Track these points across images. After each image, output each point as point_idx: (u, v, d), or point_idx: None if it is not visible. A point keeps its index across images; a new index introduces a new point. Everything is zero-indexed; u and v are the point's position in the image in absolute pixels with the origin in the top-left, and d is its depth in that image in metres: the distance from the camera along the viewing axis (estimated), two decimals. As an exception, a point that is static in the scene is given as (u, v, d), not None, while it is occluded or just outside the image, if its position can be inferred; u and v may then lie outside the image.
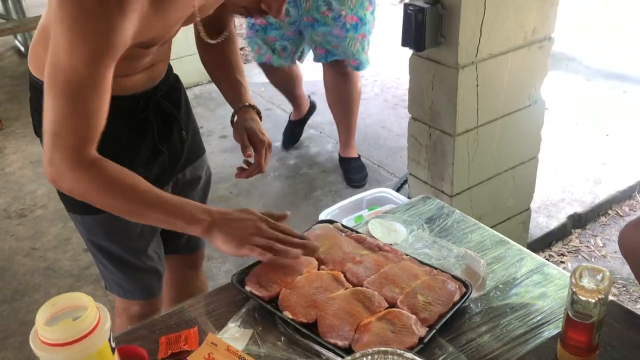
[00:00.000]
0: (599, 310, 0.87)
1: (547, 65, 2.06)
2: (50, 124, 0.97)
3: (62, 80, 0.95)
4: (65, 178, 1.00)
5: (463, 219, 1.29)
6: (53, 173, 1.00)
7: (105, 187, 1.03)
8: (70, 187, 1.02)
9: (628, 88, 3.89)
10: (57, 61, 0.94)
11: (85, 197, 1.04)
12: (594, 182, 2.92)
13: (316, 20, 2.58)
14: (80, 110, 0.96)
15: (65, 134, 0.97)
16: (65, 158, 0.98)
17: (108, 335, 0.80)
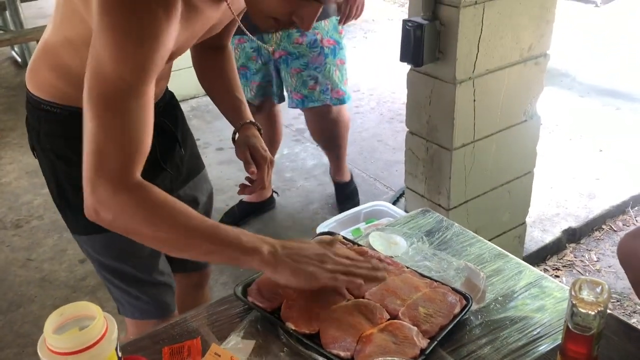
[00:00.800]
0: (598, 322, 0.88)
1: (542, 81, 2.10)
2: (93, 142, 0.89)
3: (108, 92, 0.89)
4: (109, 206, 0.90)
5: (462, 232, 1.30)
6: (95, 202, 0.90)
7: (154, 214, 0.93)
8: (114, 217, 0.91)
9: (621, 104, 3.94)
10: (101, 72, 0.89)
11: (129, 227, 0.94)
12: (588, 197, 2.95)
13: (289, 54, 2.31)
14: (128, 124, 0.90)
15: (111, 152, 0.89)
16: (110, 180, 0.89)
17: (115, 345, 0.80)
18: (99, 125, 0.89)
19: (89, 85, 0.90)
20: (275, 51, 2.30)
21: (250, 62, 2.38)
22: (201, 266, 1.58)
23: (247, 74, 2.42)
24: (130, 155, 0.91)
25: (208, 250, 0.98)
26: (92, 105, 0.90)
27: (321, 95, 2.40)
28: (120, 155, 0.90)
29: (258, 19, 1.00)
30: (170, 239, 0.95)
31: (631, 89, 4.14)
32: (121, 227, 0.94)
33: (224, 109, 1.39)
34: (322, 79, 2.36)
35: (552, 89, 4.03)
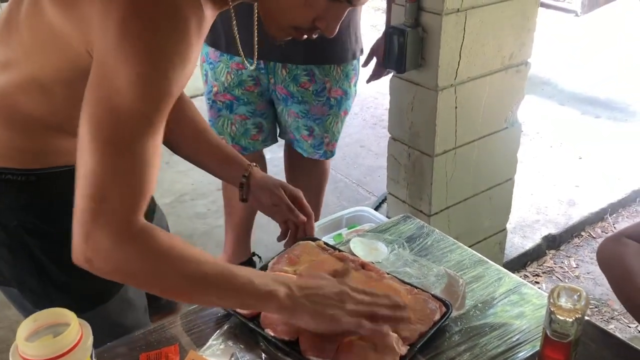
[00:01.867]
0: (576, 329, 0.89)
1: (523, 88, 2.12)
2: (94, 185, 0.76)
3: (124, 132, 0.77)
4: (108, 257, 0.78)
5: (442, 239, 1.31)
6: (89, 251, 0.77)
7: (160, 264, 0.82)
8: (114, 268, 0.80)
9: (600, 113, 4.00)
10: (116, 108, 0.76)
11: (130, 278, 0.84)
12: (567, 204, 2.99)
13: (291, 95, 1.98)
14: (140, 167, 0.78)
15: (116, 197, 0.77)
16: (111, 229, 0.77)
17: (90, 352, 0.79)
18: (105, 167, 0.76)
19: (96, 121, 0.77)
20: (277, 85, 1.98)
21: (242, 91, 1.99)
22: (174, 308, 1.41)
23: (231, 105, 2.00)
24: (137, 199, 0.79)
25: (219, 298, 0.90)
26: (99, 145, 0.76)
27: (310, 148, 2.11)
28: (127, 201, 0.78)
29: (276, 29, 0.90)
30: (178, 288, 0.85)
31: (610, 97, 4.20)
32: (119, 277, 0.84)
33: (209, 159, 1.20)
34: (319, 131, 2.06)
35: (533, 97, 4.07)
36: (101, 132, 0.77)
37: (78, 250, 0.79)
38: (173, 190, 3.10)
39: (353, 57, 2.00)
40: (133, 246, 0.79)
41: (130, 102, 0.76)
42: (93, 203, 0.77)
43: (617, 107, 4.07)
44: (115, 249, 0.78)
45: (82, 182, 0.77)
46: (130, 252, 0.79)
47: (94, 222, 0.77)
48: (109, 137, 0.77)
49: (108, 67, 0.76)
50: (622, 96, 4.20)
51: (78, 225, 0.78)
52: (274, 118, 2.12)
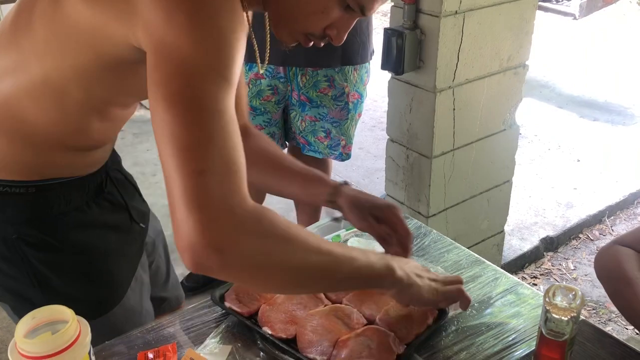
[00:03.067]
0: (571, 328, 0.89)
1: (521, 90, 2.13)
2: (188, 162, 0.67)
3: (198, 89, 0.70)
4: (232, 240, 0.68)
5: (440, 239, 1.31)
6: (215, 236, 0.67)
7: (287, 243, 0.73)
8: (243, 252, 0.69)
9: (598, 115, 4.01)
10: (183, 72, 0.70)
11: (261, 268, 0.72)
12: (565, 206, 2.99)
13: (310, 101, 2.03)
14: (228, 122, 0.71)
15: (219, 168, 0.68)
16: (227, 204, 0.67)
17: (88, 349, 0.79)
18: (198, 134, 0.68)
19: (171, 93, 0.69)
20: (295, 92, 2.03)
21: (260, 102, 2.04)
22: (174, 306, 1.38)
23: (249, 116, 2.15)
24: (241, 169, 0.70)
25: (340, 279, 0.83)
26: (184, 115, 0.68)
27: (327, 149, 2.14)
28: (232, 171, 0.69)
29: (287, 35, 0.89)
30: (305, 271, 0.76)
31: (608, 101, 4.21)
32: (251, 269, 0.72)
33: (294, 187, 1.14)
34: (336, 133, 2.10)
35: (531, 100, 4.08)
36: (181, 102, 0.69)
37: (200, 241, 0.66)
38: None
39: (370, 57, 2.07)
40: (258, 226, 0.70)
41: (196, 60, 0.70)
42: (200, 177, 0.67)
43: (615, 111, 4.08)
44: (239, 230, 0.68)
45: (178, 164, 0.68)
46: (256, 234, 0.70)
47: (207, 197, 0.66)
48: (189, 103, 0.69)
49: (166, 41, 0.71)
50: (620, 99, 4.21)
51: (186, 215, 0.66)
52: (283, 125, 2.17)
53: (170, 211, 0.69)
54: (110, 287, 1.09)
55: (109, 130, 1.02)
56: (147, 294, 1.18)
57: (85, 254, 1.04)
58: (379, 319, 1.02)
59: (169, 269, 1.36)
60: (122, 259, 1.10)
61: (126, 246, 1.12)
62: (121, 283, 1.10)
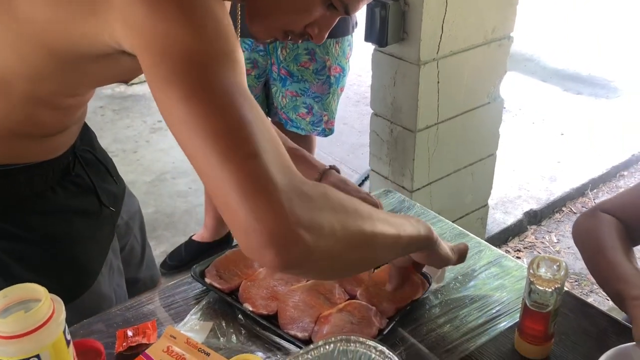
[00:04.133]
0: (555, 299, 0.89)
1: (506, 63, 2.11)
2: (239, 146, 0.61)
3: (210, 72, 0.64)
4: (314, 217, 0.62)
5: (423, 212, 1.30)
6: (295, 218, 0.59)
7: (356, 214, 0.69)
8: (329, 228, 0.63)
9: (582, 89, 4.02)
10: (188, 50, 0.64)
11: (346, 242, 0.67)
12: (549, 180, 3.00)
13: (290, 75, 2.00)
14: (249, 100, 0.65)
15: (269, 147, 0.62)
16: (292, 181, 0.62)
17: (63, 327, 0.77)
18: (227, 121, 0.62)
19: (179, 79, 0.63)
20: (276, 66, 1.99)
21: None
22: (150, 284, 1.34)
23: None
24: (283, 147, 0.66)
25: (403, 246, 0.81)
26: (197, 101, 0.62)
27: (309, 126, 2.12)
28: (281, 149, 0.64)
29: (264, 30, 0.85)
30: (379, 240, 0.72)
31: (592, 74, 4.22)
32: (336, 242, 0.65)
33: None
34: (318, 109, 2.08)
35: (516, 74, 4.07)
36: (203, 93, 0.63)
37: (282, 226, 0.59)
38: (154, 169, 3.06)
39: (352, 30, 2.02)
40: (326, 202, 0.65)
41: (203, 45, 0.65)
42: (254, 160, 0.60)
43: (598, 84, 4.09)
44: (317, 200, 0.62)
45: (221, 153, 0.60)
46: (330, 203, 0.65)
47: (271, 178, 0.59)
48: (212, 92, 0.63)
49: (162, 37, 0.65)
50: (603, 73, 4.22)
51: (255, 198, 0.58)
52: (265, 100, 2.13)
53: (225, 213, 0.61)
54: (78, 274, 1.04)
55: (65, 117, 0.95)
56: (119, 278, 1.14)
57: (50, 241, 0.99)
58: (360, 294, 1.01)
59: (145, 249, 1.30)
60: (91, 244, 1.05)
61: (95, 231, 1.06)
62: (90, 269, 1.06)
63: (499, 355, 0.95)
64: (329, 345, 0.71)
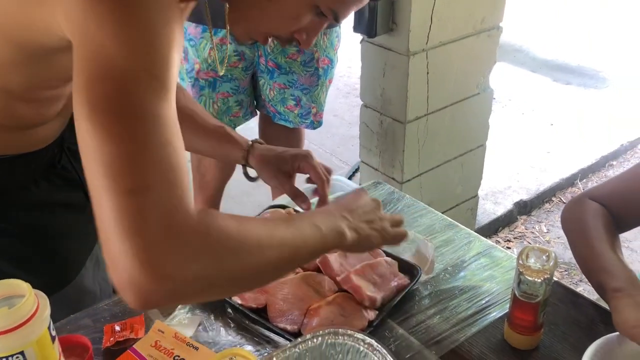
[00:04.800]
0: (544, 289, 0.89)
1: (495, 53, 2.10)
2: (124, 178, 0.57)
3: (127, 92, 0.60)
4: (179, 264, 0.58)
5: (413, 204, 1.30)
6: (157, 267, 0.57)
7: (239, 250, 0.64)
8: (194, 275, 0.59)
9: (571, 79, 4.03)
10: (110, 74, 0.60)
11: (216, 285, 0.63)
12: (539, 170, 3.01)
13: (278, 67, 1.96)
14: (165, 130, 0.61)
15: (157, 178, 0.58)
16: (169, 224, 0.58)
17: (47, 323, 0.76)
18: (130, 145, 0.58)
19: (97, 98, 0.59)
20: (263, 58, 1.95)
21: (227, 68, 1.93)
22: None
23: (214, 82, 1.95)
24: (181, 174, 0.61)
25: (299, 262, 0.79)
26: (112, 123, 0.58)
27: (297, 118, 2.08)
28: (172, 178, 0.60)
29: (248, 34, 0.83)
30: (262, 270, 0.68)
31: (581, 64, 4.23)
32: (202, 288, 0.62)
33: (210, 145, 1.10)
34: (306, 101, 2.04)
35: (505, 65, 4.08)
36: (108, 110, 0.59)
37: (142, 272, 0.56)
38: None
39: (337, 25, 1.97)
40: (206, 237, 0.61)
41: (125, 61, 0.60)
42: (135, 197, 0.57)
43: (587, 74, 4.10)
44: (186, 251, 0.58)
45: (107, 183, 0.57)
46: (206, 245, 0.61)
47: (146, 220, 0.57)
48: (118, 112, 0.59)
49: (89, 36, 0.61)
50: (592, 63, 4.23)
51: (126, 237, 0.56)
52: (252, 92, 2.10)
53: (102, 243, 0.59)
54: (60, 268, 1.02)
55: (42, 110, 0.92)
56: (106, 273, 1.13)
57: (32, 234, 0.97)
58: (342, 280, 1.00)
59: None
60: (75, 238, 1.03)
61: (81, 225, 1.01)
62: (73, 263, 1.04)
63: (489, 346, 0.95)
64: (317, 339, 0.71)
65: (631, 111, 3.58)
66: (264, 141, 2.35)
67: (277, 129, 2.18)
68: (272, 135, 2.26)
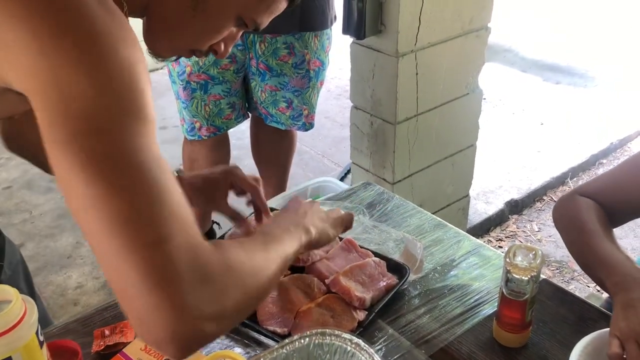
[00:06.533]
0: (532, 287, 0.89)
1: (484, 54, 2.11)
2: (145, 232, 0.55)
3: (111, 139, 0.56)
4: (218, 303, 0.59)
5: (402, 204, 1.30)
6: (200, 313, 0.56)
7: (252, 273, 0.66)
8: (233, 307, 0.61)
9: (561, 79, 4.05)
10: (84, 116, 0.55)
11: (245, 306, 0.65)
12: (529, 169, 3.02)
13: (269, 69, 1.97)
14: (159, 168, 0.58)
15: (170, 225, 0.56)
16: (199, 266, 0.57)
17: (35, 329, 0.76)
18: (135, 196, 0.56)
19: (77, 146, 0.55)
20: (254, 60, 1.96)
21: (218, 70, 1.93)
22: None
23: (206, 85, 1.94)
24: (190, 214, 0.60)
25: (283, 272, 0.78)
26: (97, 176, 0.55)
27: (289, 120, 2.09)
28: (188, 224, 0.58)
29: (166, 50, 0.81)
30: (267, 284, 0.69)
31: (570, 64, 4.25)
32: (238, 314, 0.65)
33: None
34: (297, 103, 2.05)
35: (495, 65, 4.10)
36: (105, 168, 0.55)
37: (186, 321, 0.55)
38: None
39: (331, 23, 2.00)
40: (227, 275, 0.60)
41: (110, 110, 0.56)
42: (160, 248, 0.55)
43: (577, 73, 4.12)
44: (209, 289, 0.58)
45: (123, 241, 0.54)
46: (228, 283, 0.60)
47: (177, 268, 0.55)
48: (116, 166, 0.55)
49: (58, 88, 0.55)
50: (581, 62, 4.25)
51: (160, 289, 0.54)
52: (244, 94, 2.10)
53: (122, 300, 0.56)
54: None
55: None
56: None
57: None
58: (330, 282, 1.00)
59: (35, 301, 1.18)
60: None
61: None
62: None
63: (478, 345, 0.96)
64: (304, 339, 0.71)
65: (620, 109, 3.60)
66: (257, 144, 2.35)
67: (269, 131, 2.19)
68: (264, 137, 2.26)
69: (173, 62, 1.96)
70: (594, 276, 1.00)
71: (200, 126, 2.03)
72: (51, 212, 2.72)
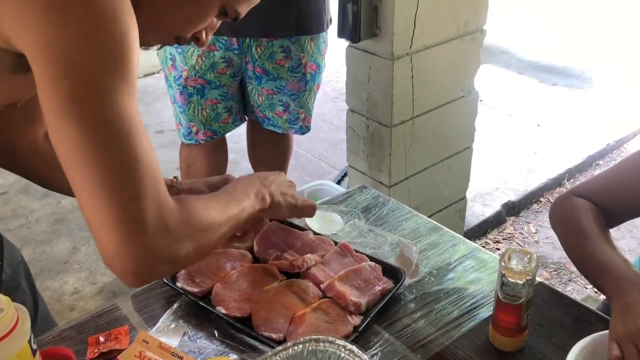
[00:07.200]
0: (527, 291, 0.89)
1: (479, 56, 2.11)
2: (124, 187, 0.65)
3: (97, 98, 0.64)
4: (174, 251, 0.70)
5: (398, 208, 1.30)
6: (159, 259, 0.69)
7: (209, 227, 0.77)
8: (187, 255, 0.73)
9: (557, 80, 4.05)
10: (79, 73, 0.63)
11: (199, 254, 0.77)
12: (526, 171, 3.03)
13: (266, 73, 1.96)
14: (138, 129, 0.67)
15: (150, 188, 0.67)
16: (162, 222, 0.68)
17: (28, 337, 0.75)
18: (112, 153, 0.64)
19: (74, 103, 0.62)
20: (251, 64, 1.95)
21: (214, 75, 1.93)
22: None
23: (203, 89, 1.95)
24: (160, 173, 0.69)
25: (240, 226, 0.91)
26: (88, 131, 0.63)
27: (286, 124, 2.09)
28: (159, 183, 0.68)
29: (154, 39, 0.85)
30: (224, 235, 0.82)
31: (567, 65, 4.26)
32: (192, 260, 0.77)
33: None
34: (294, 106, 2.04)
35: (491, 67, 4.10)
36: (97, 124, 0.63)
37: (148, 265, 0.67)
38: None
39: (327, 27, 1.99)
40: (188, 222, 0.72)
41: (103, 72, 0.64)
42: (135, 204, 0.65)
43: (573, 75, 4.13)
44: (171, 234, 0.69)
45: (106, 192, 0.64)
46: (186, 228, 0.72)
47: (145, 222, 0.66)
48: (108, 123, 0.64)
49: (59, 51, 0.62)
50: (577, 63, 4.26)
51: (127, 237, 0.65)
52: (241, 98, 2.10)
53: (97, 238, 0.67)
54: None
55: None
56: None
57: None
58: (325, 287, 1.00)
59: (37, 303, 1.20)
60: None
61: None
62: None
63: (474, 349, 0.95)
64: (297, 346, 0.71)
65: (617, 111, 3.61)
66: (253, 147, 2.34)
67: (266, 135, 2.19)
68: (261, 140, 2.26)
69: (169, 67, 1.96)
70: (591, 279, 1.00)
71: (197, 130, 2.03)
72: (47, 218, 2.71)
